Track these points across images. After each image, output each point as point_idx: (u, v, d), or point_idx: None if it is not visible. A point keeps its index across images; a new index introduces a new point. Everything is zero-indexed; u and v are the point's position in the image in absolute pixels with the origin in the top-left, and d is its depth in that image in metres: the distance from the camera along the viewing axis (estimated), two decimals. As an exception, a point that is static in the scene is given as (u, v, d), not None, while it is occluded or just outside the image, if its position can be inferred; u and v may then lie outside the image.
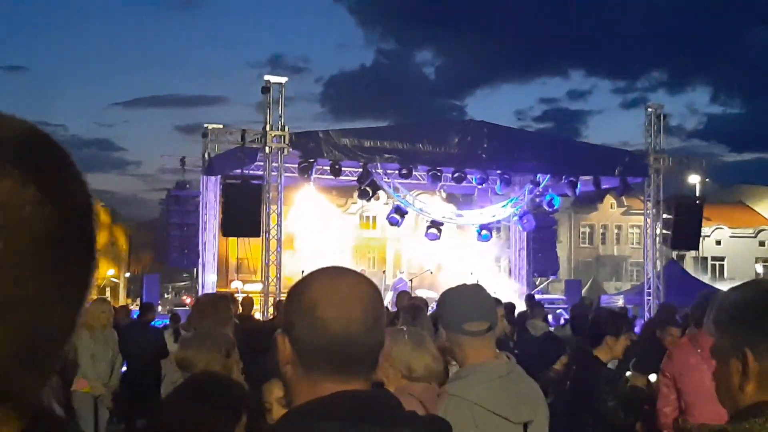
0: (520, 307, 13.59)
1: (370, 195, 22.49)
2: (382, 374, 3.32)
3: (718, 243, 59.52)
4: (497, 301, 10.26)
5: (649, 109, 23.50)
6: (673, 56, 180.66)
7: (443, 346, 3.42)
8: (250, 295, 15.55)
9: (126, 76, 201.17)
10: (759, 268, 59.89)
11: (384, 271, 24.66)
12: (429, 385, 3.59)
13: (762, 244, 60.31)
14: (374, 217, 45.32)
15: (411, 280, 24.77)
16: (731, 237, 60.07)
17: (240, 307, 12.61)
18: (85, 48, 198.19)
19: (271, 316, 15.43)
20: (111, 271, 61.69)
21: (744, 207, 64.06)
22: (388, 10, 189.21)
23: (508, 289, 23.41)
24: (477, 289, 3.42)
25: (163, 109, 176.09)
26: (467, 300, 3.31)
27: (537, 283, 28.77)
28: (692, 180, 28.46)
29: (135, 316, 14.74)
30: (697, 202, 23.99)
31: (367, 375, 1.81)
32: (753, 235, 60.73)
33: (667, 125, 23.65)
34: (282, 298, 14.01)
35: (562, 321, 17.78)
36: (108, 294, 58.99)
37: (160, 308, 23.77)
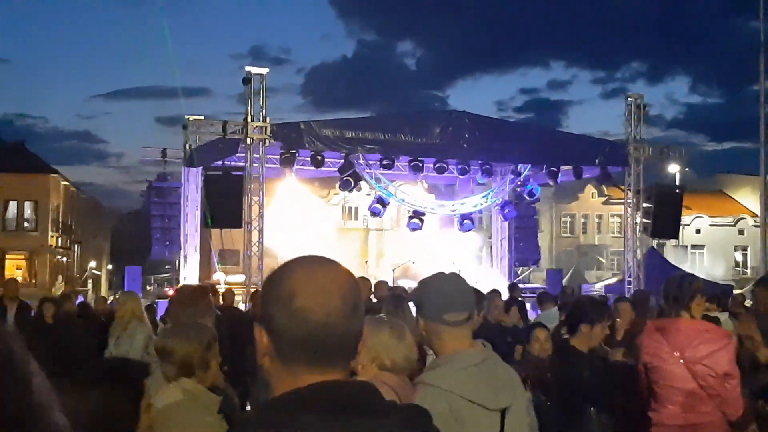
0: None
1: (352, 186, 22.53)
2: (354, 364, 3.30)
3: (698, 231, 59.88)
4: (476, 291, 10.34)
5: (629, 99, 23.61)
6: (652, 47, 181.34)
7: (420, 335, 3.43)
8: (232, 287, 15.53)
9: (107, 68, 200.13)
10: (738, 256, 60.33)
11: (366, 262, 24.68)
12: (404, 377, 3.60)
13: (741, 232, 60.68)
14: (356, 208, 45.37)
15: (393, 270, 24.84)
16: (711, 225, 60.42)
17: (222, 299, 12.64)
18: (67, 40, 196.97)
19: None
20: (93, 263, 61.45)
21: (723, 196, 64.45)
22: (368, 1, 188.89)
23: (490, 279, 23.52)
24: (456, 278, 3.40)
25: (144, 101, 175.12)
26: (447, 290, 3.30)
27: (518, 272, 28.89)
28: (672, 169, 28.62)
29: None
30: (677, 191, 24.15)
31: (346, 365, 1.79)
32: (732, 223, 61.11)
33: (647, 115, 23.74)
34: (258, 289, 14.02)
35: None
36: (90, 286, 58.82)
37: (143, 300, 23.67)
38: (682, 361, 5.16)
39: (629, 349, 6.50)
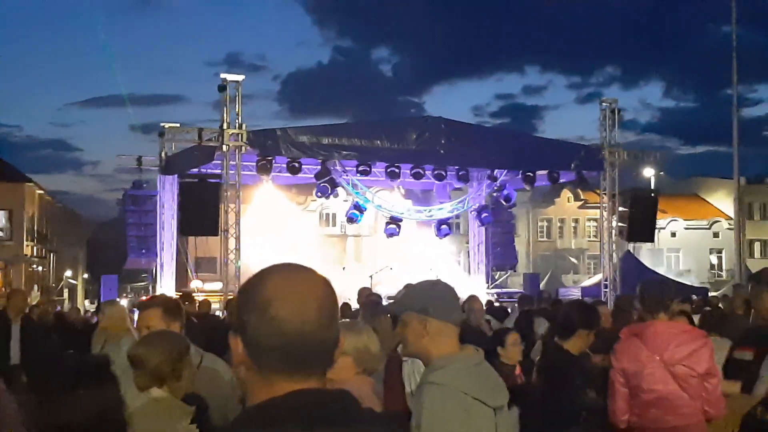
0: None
1: (329, 192, 22.54)
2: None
3: (674, 235, 60.32)
4: (475, 297, 10.41)
5: (604, 104, 23.76)
6: (626, 52, 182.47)
7: (407, 337, 3.43)
8: (209, 295, 15.48)
9: (82, 76, 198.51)
10: (713, 259, 60.82)
11: (344, 268, 24.67)
12: (365, 377, 3.64)
13: (716, 235, 61.17)
14: (334, 215, 45.34)
15: (371, 277, 24.82)
16: (686, 228, 60.87)
17: (198, 307, 12.59)
18: (41, 48, 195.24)
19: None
20: (69, 273, 60.99)
21: (698, 199, 64.96)
22: (345, 7, 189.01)
23: (468, 283, 23.57)
24: (448, 284, 3.55)
25: (119, 109, 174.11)
26: (451, 290, 3.45)
27: (496, 277, 28.99)
28: (647, 173, 28.84)
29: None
30: (652, 194, 24.34)
31: (323, 373, 1.77)
32: (707, 226, 61.60)
33: (622, 119, 23.91)
34: (232, 297, 13.98)
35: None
36: (66, 295, 58.36)
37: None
38: (662, 363, 5.19)
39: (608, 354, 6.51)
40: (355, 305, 11.41)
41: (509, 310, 14.51)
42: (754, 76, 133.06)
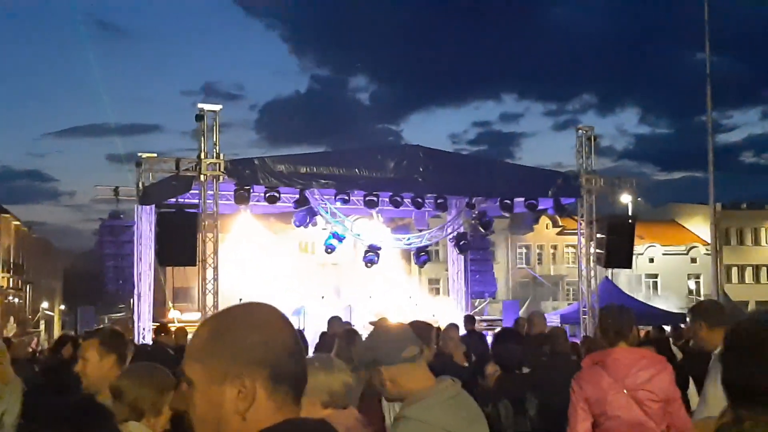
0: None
1: (308, 221, 22.52)
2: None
3: (651, 260, 60.67)
4: (454, 325, 10.39)
5: (580, 131, 23.92)
6: (602, 79, 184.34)
7: (383, 386, 3.43)
8: (184, 327, 15.27)
9: (59, 106, 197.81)
10: (691, 284, 61.17)
11: (323, 297, 24.57)
12: (351, 409, 3.63)
13: (694, 260, 61.60)
14: (313, 243, 45.22)
15: (350, 306, 24.72)
16: (664, 254, 61.27)
17: (174, 337, 12.47)
18: (16, 78, 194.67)
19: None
20: (45, 304, 60.44)
21: (675, 225, 65.46)
22: (321, 37, 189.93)
23: (447, 311, 23.55)
24: (393, 323, 3.65)
25: (96, 139, 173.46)
26: (393, 332, 3.45)
27: (476, 304, 28.98)
28: (624, 199, 28.99)
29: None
30: (630, 221, 24.43)
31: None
32: (685, 252, 62.02)
33: (598, 146, 24.06)
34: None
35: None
36: (42, 327, 57.79)
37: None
38: (624, 390, 5.22)
39: None
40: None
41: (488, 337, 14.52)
42: (728, 103, 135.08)
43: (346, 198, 21.41)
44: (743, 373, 1.95)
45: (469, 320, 16.21)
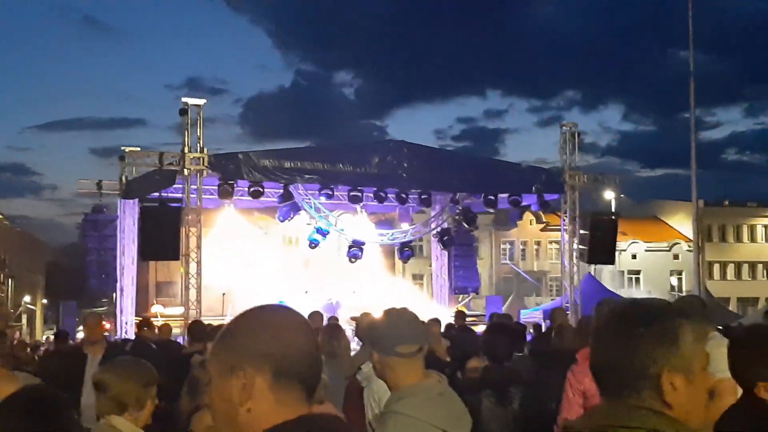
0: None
1: (292, 216, 22.51)
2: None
3: (634, 257, 60.92)
4: (436, 320, 10.37)
5: (564, 128, 24.04)
6: (586, 76, 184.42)
7: (374, 364, 3.49)
8: (168, 322, 15.20)
9: (42, 100, 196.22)
10: (674, 281, 61.49)
11: (306, 292, 24.53)
12: (327, 404, 3.66)
13: (676, 257, 61.88)
14: (297, 238, 45.16)
15: (336, 301, 24.71)
16: (646, 251, 61.52)
17: (158, 332, 12.43)
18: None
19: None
20: (27, 298, 60.09)
21: (658, 221, 65.74)
22: (305, 32, 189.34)
23: (430, 307, 23.58)
24: (407, 312, 3.54)
25: (79, 132, 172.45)
26: (398, 324, 3.44)
27: (459, 299, 29.03)
28: (607, 196, 29.11)
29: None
30: (613, 217, 24.56)
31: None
32: (667, 248, 62.31)
33: (582, 143, 24.24)
34: (197, 320, 13.81)
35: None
36: (24, 321, 57.46)
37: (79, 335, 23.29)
38: None
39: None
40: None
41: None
42: (711, 100, 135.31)
43: (330, 193, 21.43)
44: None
45: (460, 316, 16.23)
